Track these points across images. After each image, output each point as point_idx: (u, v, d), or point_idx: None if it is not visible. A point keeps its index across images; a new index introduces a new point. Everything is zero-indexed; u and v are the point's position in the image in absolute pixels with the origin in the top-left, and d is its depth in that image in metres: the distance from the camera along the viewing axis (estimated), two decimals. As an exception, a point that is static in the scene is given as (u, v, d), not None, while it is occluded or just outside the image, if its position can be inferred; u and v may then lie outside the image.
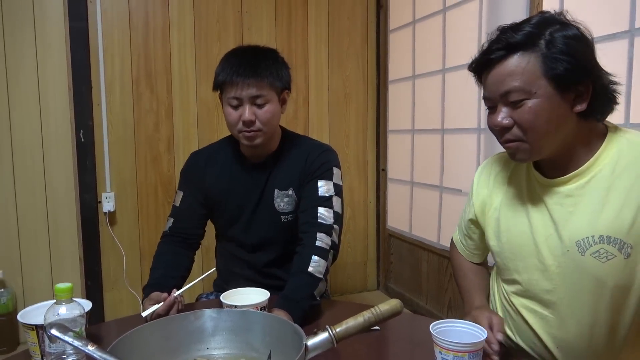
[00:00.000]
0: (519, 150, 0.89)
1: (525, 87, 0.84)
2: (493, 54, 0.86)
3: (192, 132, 2.52)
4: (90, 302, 1.03)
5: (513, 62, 0.85)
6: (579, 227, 0.88)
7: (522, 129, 0.86)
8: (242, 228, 1.39)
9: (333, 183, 1.33)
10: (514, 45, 0.84)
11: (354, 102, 2.89)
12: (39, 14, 2.23)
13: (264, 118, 1.27)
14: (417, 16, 2.54)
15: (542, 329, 0.96)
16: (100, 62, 2.32)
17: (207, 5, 2.50)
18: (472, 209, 1.10)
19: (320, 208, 1.28)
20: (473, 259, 1.17)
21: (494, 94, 0.89)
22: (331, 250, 1.25)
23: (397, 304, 0.83)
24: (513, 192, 1.01)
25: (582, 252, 0.87)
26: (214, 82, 1.33)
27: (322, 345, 0.77)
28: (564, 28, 0.84)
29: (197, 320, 0.86)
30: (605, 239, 0.85)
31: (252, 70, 1.25)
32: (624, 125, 1.46)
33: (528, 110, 0.84)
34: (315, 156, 1.36)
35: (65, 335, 0.69)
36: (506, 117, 0.87)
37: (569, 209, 0.90)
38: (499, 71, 0.86)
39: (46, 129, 2.29)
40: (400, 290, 2.79)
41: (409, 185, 2.67)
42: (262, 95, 1.26)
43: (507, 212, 1.00)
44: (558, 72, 0.82)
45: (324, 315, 1.17)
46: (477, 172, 1.13)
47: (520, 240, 0.97)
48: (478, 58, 0.92)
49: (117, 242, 2.41)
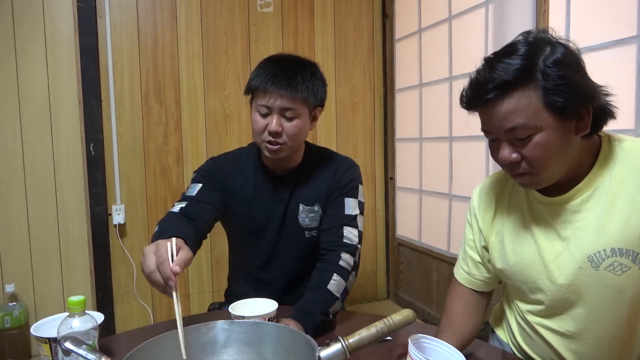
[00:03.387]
0: (531, 182, 0.88)
1: (530, 122, 0.81)
2: (490, 94, 0.82)
3: (201, 145, 2.54)
4: (102, 314, 1.03)
5: (513, 101, 0.81)
6: (590, 241, 0.87)
7: (531, 162, 0.84)
8: (265, 241, 1.35)
9: (358, 201, 1.32)
10: (510, 83, 0.81)
11: (361, 112, 2.89)
12: (49, 29, 2.27)
13: (291, 132, 1.22)
14: (423, 25, 2.55)
15: (562, 345, 0.94)
16: (109, 76, 2.35)
17: (215, 18, 2.54)
18: (472, 232, 1.07)
19: (347, 228, 1.26)
20: (475, 285, 1.06)
21: (497, 130, 0.85)
22: (352, 272, 1.23)
23: (409, 313, 0.82)
24: (515, 213, 0.99)
25: (595, 267, 0.86)
26: (246, 86, 1.28)
27: (335, 356, 0.76)
28: (554, 51, 0.81)
29: (208, 332, 0.86)
30: (617, 251, 0.84)
31: (288, 81, 1.20)
32: (634, 131, 1.45)
33: (535, 145, 0.82)
34: (343, 172, 1.33)
35: (79, 348, 0.69)
36: (513, 151, 0.85)
37: (577, 224, 0.88)
38: (500, 110, 0.83)
39: (57, 143, 2.32)
40: (411, 299, 2.77)
41: (418, 193, 2.66)
42: (293, 108, 1.21)
43: (511, 235, 0.98)
44: (559, 105, 0.80)
45: (336, 326, 1.17)
46: (475, 194, 1.08)
47: (528, 261, 0.95)
48: (471, 96, 0.87)
49: (127, 254, 2.42)
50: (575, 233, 0.88)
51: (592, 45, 1.56)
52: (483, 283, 1.06)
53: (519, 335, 1.06)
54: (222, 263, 2.57)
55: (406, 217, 2.81)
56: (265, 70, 1.23)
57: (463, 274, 1.08)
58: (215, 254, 2.58)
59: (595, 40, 1.56)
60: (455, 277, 1.10)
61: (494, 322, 1.20)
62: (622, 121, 1.49)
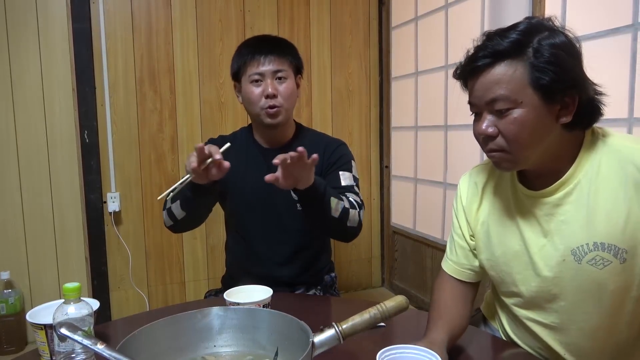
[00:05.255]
0: (502, 160, 0.88)
1: (511, 95, 0.81)
2: (479, 61, 0.84)
3: (196, 132, 2.53)
4: (97, 301, 1.04)
5: (500, 69, 0.82)
6: (573, 235, 0.87)
7: (506, 139, 0.84)
8: (259, 214, 1.39)
9: (352, 175, 1.37)
10: (501, 52, 0.82)
11: (357, 100, 2.89)
12: (42, 15, 2.24)
13: (285, 93, 1.33)
14: (420, 12, 2.53)
15: (548, 336, 0.95)
16: (103, 62, 2.33)
17: (209, 4, 2.51)
18: (459, 220, 1.07)
19: (347, 194, 1.31)
20: (463, 276, 1.05)
21: (479, 100, 0.86)
22: (360, 210, 1.29)
23: (402, 300, 0.83)
24: (500, 204, 0.99)
25: (578, 261, 0.86)
26: (231, 69, 1.38)
27: (328, 342, 0.77)
28: (552, 35, 0.81)
29: (204, 319, 0.87)
30: (599, 245, 0.84)
31: (273, 48, 1.34)
32: (627, 120, 1.46)
33: (513, 120, 0.82)
34: (333, 149, 1.41)
35: (75, 334, 0.69)
36: (491, 125, 0.85)
37: (561, 217, 0.89)
38: (486, 79, 0.84)
39: (51, 130, 2.30)
40: (405, 287, 2.80)
41: (413, 182, 2.67)
42: (283, 69, 1.33)
43: (497, 226, 0.98)
44: (544, 83, 0.80)
45: (330, 312, 1.18)
46: (462, 183, 1.08)
47: (513, 253, 0.95)
48: (464, 65, 0.88)
49: (122, 241, 2.42)
50: (559, 226, 0.89)
51: (587, 34, 1.56)
52: (472, 273, 1.05)
53: (508, 326, 1.07)
54: (217, 251, 2.58)
55: (401, 205, 2.82)
56: (247, 47, 1.36)
57: (451, 265, 1.07)
58: (210, 242, 2.58)
59: (590, 29, 1.56)
60: (443, 269, 1.09)
61: (485, 309, 1.21)
62: (616, 110, 1.50)
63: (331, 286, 1.51)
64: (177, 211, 1.28)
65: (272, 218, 1.39)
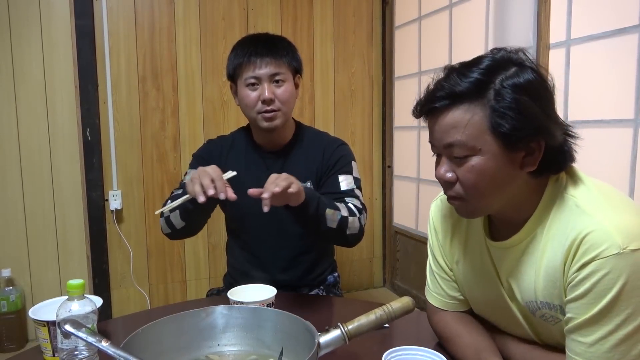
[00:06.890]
0: (461, 208, 0.82)
1: (469, 142, 0.74)
2: (437, 102, 0.77)
3: (198, 130, 2.52)
4: (100, 298, 1.03)
5: (457, 114, 0.75)
6: (526, 289, 0.82)
7: (464, 187, 0.78)
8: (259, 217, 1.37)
9: (353, 177, 1.34)
10: (459, 95, 0.74)
11: (359, 99, 2.88)
12: (44, 12, 2.24)
13: (283, 97, 1.28)
14: (423, 12, 2.53)
15: None
16: (106, 60, 2.32)
17: (212, 2, 2.50)
18: (435, 256, 1.01)
19: (346, 199, 1.28)
20: (455, 307, 0.97)
21: (438, 143, 0.79)
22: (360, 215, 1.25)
23: (409, 301, 0.83)
24: (472, 247, 0.93)
25: (533, 313, 0.83)
26: (227, 70, 1.33)
27: (334, 342, 0.77)
28: (518, 74, 0.74)
29: (208, 317, 0.87)
30: (545, 304, 0.80)
31: (270, 49, 1.27)
32: (634, 120, 1.45)
33: (471, 168, 0.76)
34: (332, 150, 1.37)
35: (79, 331, 0.69)
36: (449, 170, 0.79)
37: (519, 269, 0.83)
38: (443, 122, 0.77)
39: (53, 128, 2.30)
40: (407, 287, 2.79)
41: (415, 182, 2.66)
42: (280, 72, 1.27)
43: (466, 267, 0.93)
44: (504, 131, 0.72)
45: (335, 313, 1.17)
46: (433, 213, 1.01)
47: (485, 299, 0.92)
48: (422, 103, 0.81)
49: (124, 239, 2.42)
50: (518, 277, 0.84)
51: (593, 34, 1.55)
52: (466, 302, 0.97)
53: None
54: (219, 250, 2.57)
55: (403, 205, 2.81)
56: (243, 48, 1.30)
57: (438, 298, 0.98)
58: (212, 240, 2.58)
59: (597, 29, 1.55)
60: (430, 303, 1.00)
61: None
62: (622, 111, 1.49)
63: (334, 286, 1.50)
64: (176, 221, 1.25)
65: (273, 223, 1.36)
